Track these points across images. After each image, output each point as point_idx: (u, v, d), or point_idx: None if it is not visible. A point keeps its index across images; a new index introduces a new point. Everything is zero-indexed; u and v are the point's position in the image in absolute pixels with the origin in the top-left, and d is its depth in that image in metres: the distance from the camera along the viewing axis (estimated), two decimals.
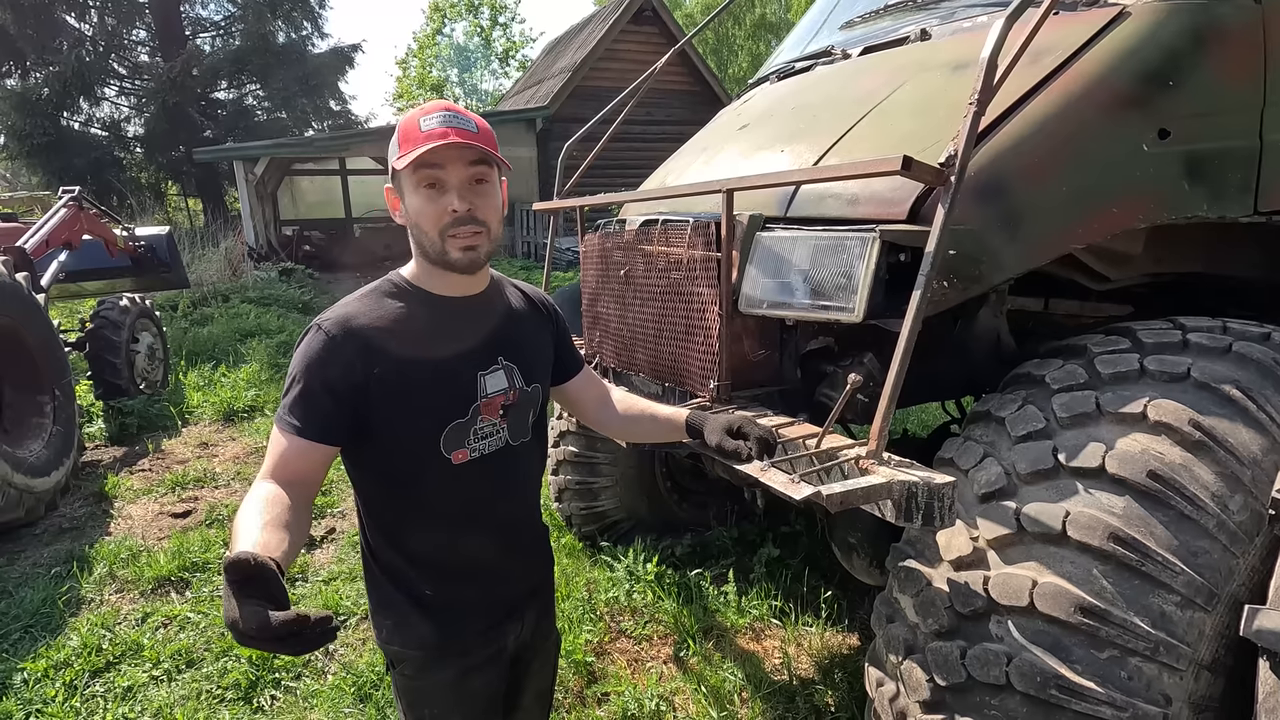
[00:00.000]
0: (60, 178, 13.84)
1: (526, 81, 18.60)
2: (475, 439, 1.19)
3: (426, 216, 1.10)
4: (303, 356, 1.10)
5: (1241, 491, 1.19)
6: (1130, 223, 1.54)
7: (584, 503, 3.04)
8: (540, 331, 1.34)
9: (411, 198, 1.11)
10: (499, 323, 1.25)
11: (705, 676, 2.32)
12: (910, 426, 4.34)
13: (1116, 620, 1.14)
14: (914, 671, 1.32)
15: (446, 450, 1.16)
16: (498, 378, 1.21)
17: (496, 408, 1.20)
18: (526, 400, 1.27)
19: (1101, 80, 1.53)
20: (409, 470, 1.17)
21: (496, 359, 1.21)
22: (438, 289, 1.19)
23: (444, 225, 1.10)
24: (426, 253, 1.14)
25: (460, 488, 1.19)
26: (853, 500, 1.14)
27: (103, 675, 2.47)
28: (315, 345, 1.10)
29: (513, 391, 1.23)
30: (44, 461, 3.78)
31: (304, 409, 1.08)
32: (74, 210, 5.28)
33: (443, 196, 1.10)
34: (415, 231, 1.14)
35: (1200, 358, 1.36)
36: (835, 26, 2.48)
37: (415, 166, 1.08)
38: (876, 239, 1.43)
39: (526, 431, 1.28)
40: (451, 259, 1.12)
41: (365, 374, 1.10)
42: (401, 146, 1.09)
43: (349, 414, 1.10)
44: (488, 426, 1.20)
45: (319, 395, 1.08)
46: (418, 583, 1.22)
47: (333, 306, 1.16)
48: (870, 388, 1.63)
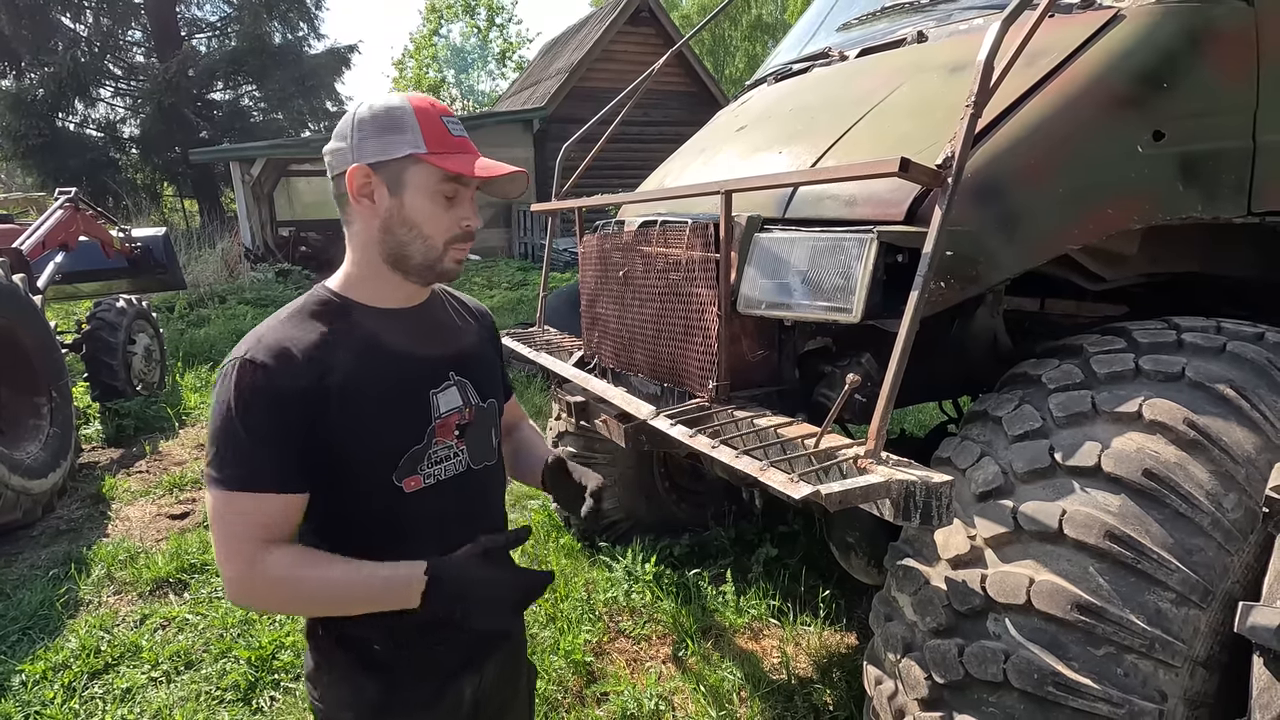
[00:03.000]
0: (55, 179, 13.79)
1: (523, 82, 18.59)
2: (429, 464, 1.06)
3: (437, 224, 1.02)
4: (240, 399, 0.93)
5: (1236, 489, 1.20)
6: (1125, 223, 1.56)
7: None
8: (486, 345, 1.24)
9: (422, 200, 1.01)
10: (445, 336, 1.14)
11: (704, 676, 2.33)
12: (908, 426, 4.35)
13: (1113, 617, 1.15)
14: (912, 669, 1.33)
15: (398, 479, 1.03)
16: (450, 395, 1.10)
17: (451, 428, 1.09)
18: (485, 418, 1.16)
19: (1097, 82, 1.54)
20: (357, 506, 1.03)
21: (447, 374, 1.10)
22: (377, 301, 1.06)
23: (453, 237, 1.04)
24: (407, 258, 1.03)
25: (412, 520, 1.05)
26: (851, 499, 1.14)
27: (101, 677, 2.47)
28: (251, 382, 0.93)
29: (468, 409, 1.12)
30: (41, 463, 3.77)
31: (270, 457, 0.94)
32: (70, 211, 5.27)
33: (456, 208, 1.03)
34: (406, 234, 1.02)
35: (1195, 357, 1.37)
36: (833, 28, 2.49)
37: (445, 177, 1.01)
38: (874, 240, 1.44)
39: (491, 453, 1.17)
40: (445, 269, 1.06)
41: (316, 405, 0.96)
42: (430, 143, 0.99)
43: (305, 453, 0.96)
44: (443, 449, 1.08)
45: (274, 437, 0.94)
46: (363, 636, 1.07)
47: (251, 335, 0.99)
48: (868, 388, 1.64)
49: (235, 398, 0.93)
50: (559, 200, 2.74)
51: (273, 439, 0.94)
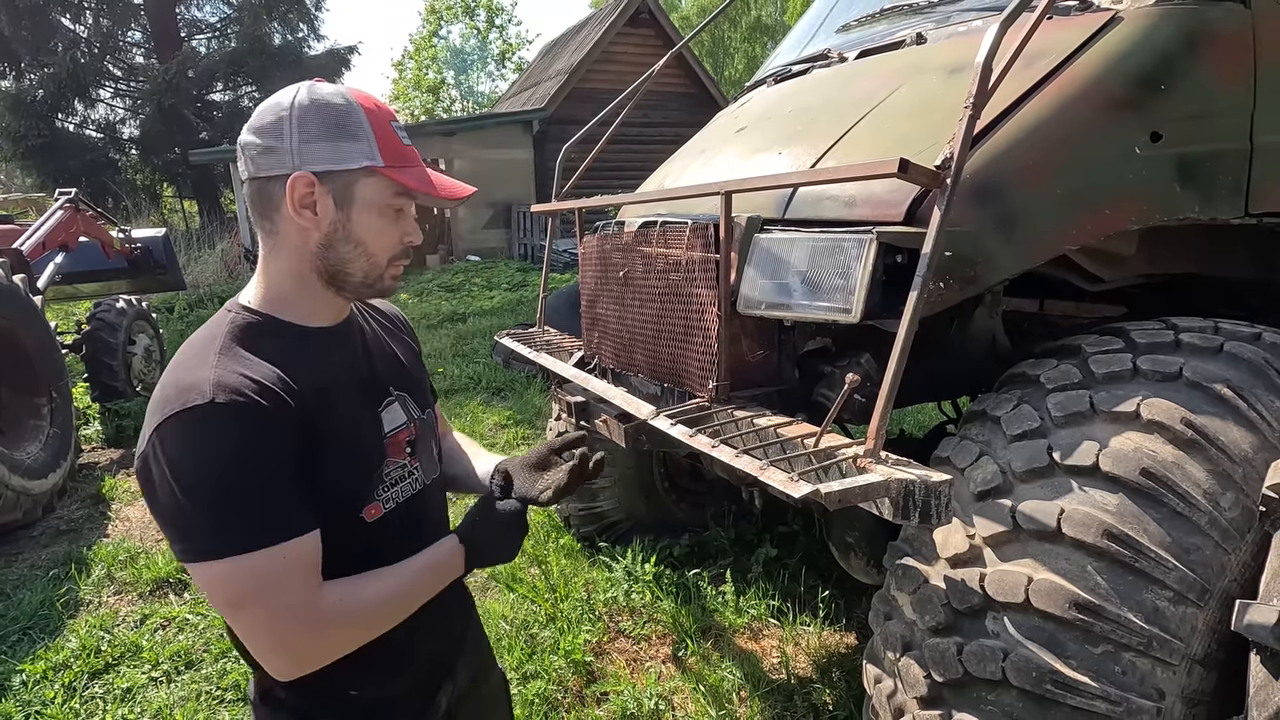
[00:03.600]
0: (55, 179, 13.80)
1: (523, 83, 18.61)
2: (385, 488, 0.99)
3: (384, 241, 0.95)
4: (224, 447, 0.81)
5: (1233, 489, 1.21)
6: (1123, 224, 1.56)
7: (582, 503, 3.05)
8: (410, 350, 1.17)
9: (370, 216, 0.93)
10: (376, 351, 1.08)
11: (704, 676, 2.34)
12: (907, 427, 4.36)
13: (1111, 616, 1.15)
14: (911, 668, 1.33)
15: (358, 508, 0.95)
16: (394, 411, 1.03)
17: (402, 446, 1.03)
18: (426, 430, 1.11)
19: (1095, 84, 1.55)
20: (324, 544, 0.91)
21: (388, 390, 1.04)
22: (308, 319, 0.97)
23: (396, 254, 0.98)
24: (347, 276, 0.95)
25: (373, 550, 0.96)
26: (851, 498, 1.15)
27: (102, 677, 2.47)
28: (232, 420, 0.81)
29: (413, 424, 1.06)
30: (41, 464, 3.78)
31: (286, 496, 0.85)
32: (70, 212, 5.27)
33: (401, 222, 0.97)
34: (347, 251, 0.93)
35: (1192, 357, 1.37)
36: (832, 30, 2.50)
37: (398, 192, 0.94)
38: (873, 240, 1.45)
39: (436, 466, 1.13)
40: (384, 286, 0.99)
41: (295, 437, 0.87)
42: (386, 154, 0.91)
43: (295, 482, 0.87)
44: (397, 470, 1.01)
45: (283, 474, 0.85)
46: (337, 688, 0.98)
47: (182, 379, 0.84)
48: (867, 388, 1.64)
49: (215, 450, 0.80)
50: (559, 201, 2.75)
51: (279, 477, 0.84)
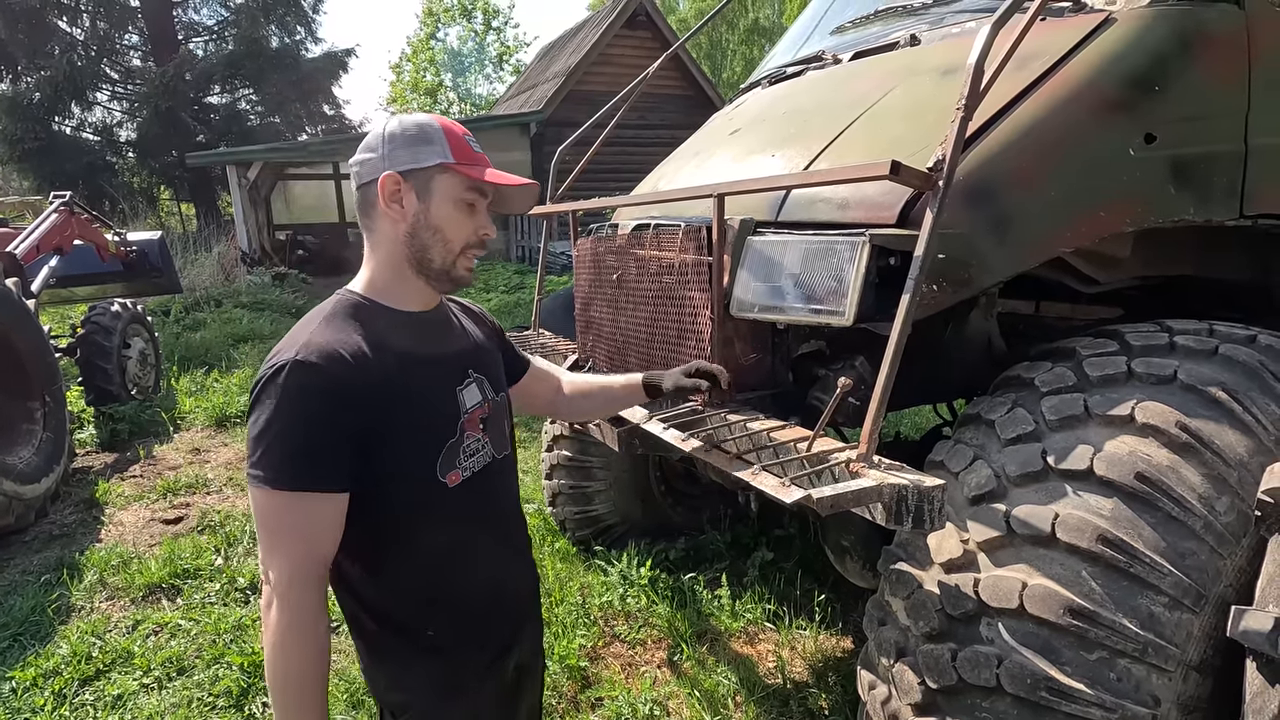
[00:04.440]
0: (52, 182, 13.77)
1: (520, 86, 18.61)
2: (465, 457, 1.15)
3: (458, 230, 1.11)
4: (291, 397, 0.96)
5: (1228, 493, 1.20)
6: (1118, 226, 1.55)
7: (578, 507, 3.04)
8: (489, 339, 1.33)
9: (447, 208, 1.10)
10: (460, 335, 1.24)
11: (699, 681, 2.32)
12: (904, 429, 4.35)
13: (1105, 622, 1.14)
14: (906, 674, 1.32)
15: (442, 474, 1.11)
16: (472, 391, 1.18)
17: (477, 422, 1.18)
18: (500, 410, 1.25)
19: (1088, 85, 1.54)
20: (405, 504, 1.09)
21: (468, 372, 1.19)
22: (403, 304, 1.14)
23: (470, 243, 1.13)
24: (429, 262, 1.11)
25: (456, 511, 1.14)
26: (843, 503, 1.14)
27: (93, 684, 2.45)
28: (303, 380, 0.97)
29: (487, 403, 1.21)
30: (34, 468, 3.75)
31: (322, 458, 0.97)
32: (65, 215, 5.26)
33: (475, 216, 1.13)
34: (428, 237, 1.10)
35: (1187, 360, 1.36)
36: (826, 31, 2.50)
37: (469, 186, 1.11)
38: (866, 243, 1.44)
39: (506, 444, 1.27)
40: (458, 274, 1.14)
41: (369, 405, 1.01)
42: (457, 154, 1.09)
43: (354, 455, 1.01)
44: (474, 443, 1.17)
45: (331, 437, 0.98)
46: (417, 624, 1.14)
47: (293, 337, 1.03)
48: (861, 391, 1.63)
49: (289, 398, 0.96)
50: (554, 204, 2.74)
51: (327, 438, 0.98)
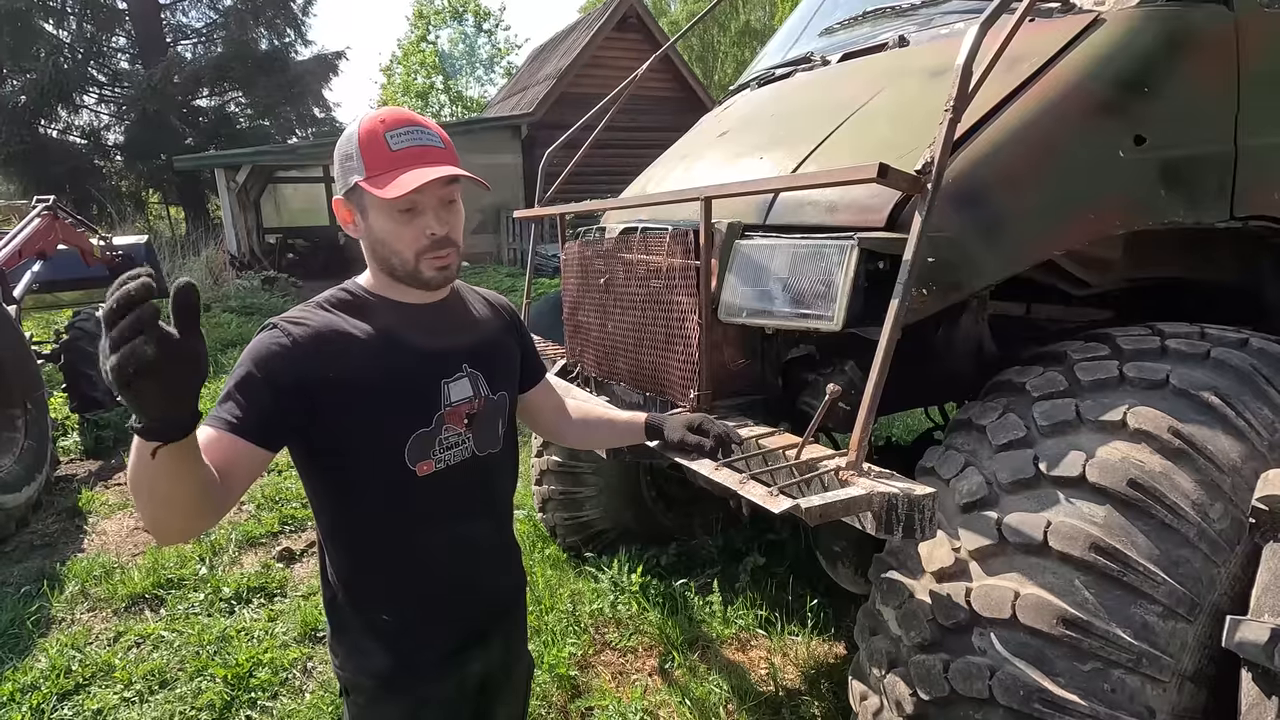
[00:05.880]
0: (38, 186, 13.59)
1: (511, 88, 18.57)
2: (440, 450, 1.14)
3: (402, 240, 1.08)
4: (250, 352, 1.03)
5: (1222, 499, 1.18)
6: (1108, 228, 1.54)
7: (568, 513, 3.00)
8: (505, 338, 1.31)
9: (382, 220, 1.07)
10: (462, 330, 1.22)
11: (691, 688, 2.29)
12: (896, 433, 4.34)
13: (1099, 632, 1.12)
14: (897, 685, 1.30)
15: (411, 462, 1.11)
16: (462, 385, 1.17)
17: (461, 416, 1.16)
18: (493, 409, 1.22)
19: (1077, 87, 1.53)
20: (368, 483, 1.11)
21: (461, 366, 1.17)
22: (399, 296, 1.16)
23: (421, 248, 1.08)
24: (394, 271, 1.11)
25: (423, 502, 1.13)
26: (832, 513, 1.12)
27: (71, 698, 2.40)
28: (266, 341, 1.04)
29: (478, 400, 1.19)
30: (15, 477, 3.69)
31: (241, 404, 1.00)
32: (48, 219, 5.19)
33: (418, 219, 1.07)
34: (382, 250, 1.10)
35: (1179, 364, 1.35)
36: (815, 33, 2.48)
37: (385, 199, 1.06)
38: (855, 246, 1.42)
39: (496, 442, 1.24)
40: (426, 278, 1.11)
41: (316, 376, 1.03)
42: (370, 166, 1.04)
43: (290, 417, 1.03)
44: (453, 436, 1.15)
45: (260, 390, 1.00)
46: (374, 607, 1.16)
47: (289, 310, 1.12)
48: (851, 396, 1.61)
49: (247, 351, 1.04)
50: (541, 207, 2.71)
51: (251, 390, 1.00)
